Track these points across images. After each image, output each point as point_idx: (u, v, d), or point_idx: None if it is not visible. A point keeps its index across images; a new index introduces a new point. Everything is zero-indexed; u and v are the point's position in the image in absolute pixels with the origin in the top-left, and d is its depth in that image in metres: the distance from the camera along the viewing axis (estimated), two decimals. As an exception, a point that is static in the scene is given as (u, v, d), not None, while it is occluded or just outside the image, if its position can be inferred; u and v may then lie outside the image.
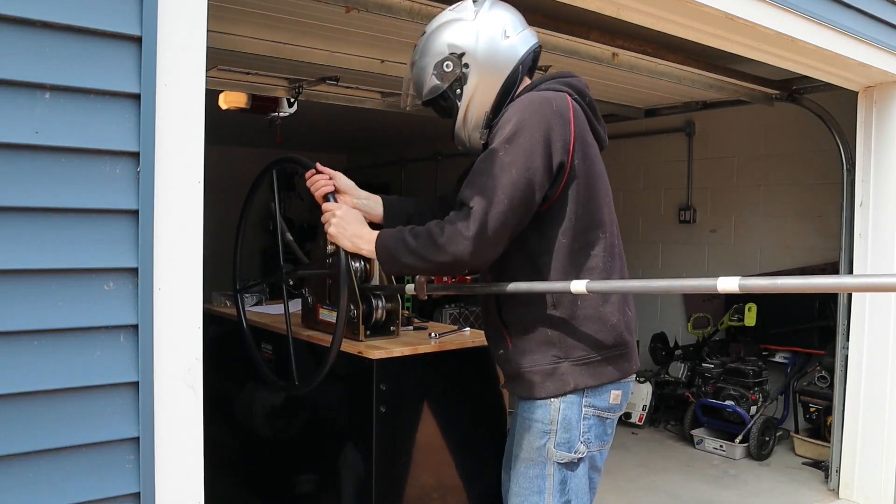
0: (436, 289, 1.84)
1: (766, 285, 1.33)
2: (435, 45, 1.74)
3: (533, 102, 1.64)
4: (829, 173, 4.41)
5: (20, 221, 1.28)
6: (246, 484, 2.60)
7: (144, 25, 1.36)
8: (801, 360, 4.64)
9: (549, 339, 1.68)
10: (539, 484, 1.71)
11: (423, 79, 1.75)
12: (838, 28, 2.91)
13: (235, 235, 2.19)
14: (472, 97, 1.73)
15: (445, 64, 1.72)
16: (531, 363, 1.69)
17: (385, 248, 1.66)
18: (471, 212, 1.56)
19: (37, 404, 1.30)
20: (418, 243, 1.60)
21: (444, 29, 1.75)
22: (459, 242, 1.55)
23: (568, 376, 1.67)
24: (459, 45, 1.71)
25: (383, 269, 1.77)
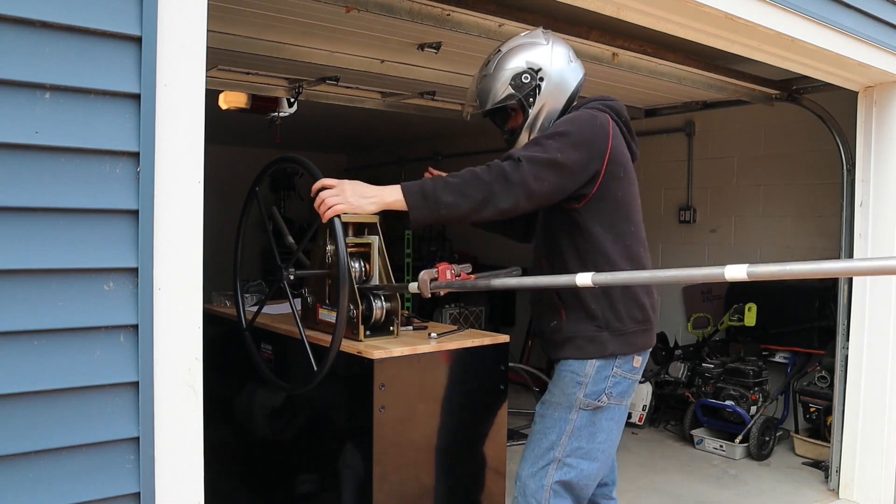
0: (439, 286, 1.84)
1: (775, 271, 1.32)
2: (513, 60, 2.02)
3: (582, 116, 1.98)
4: (829, 173, 4.41)
5: (20, 221, 1.28)
6: (246, 484, 2.60)
7: (144, 25, 1.36)
8: (801, 360, 4.64)
9: (594, 313, 2.00)
10: (561, 425, 2.01)
11: (497, 89, 2.01)
12: (838, 28, 2.91)
13: (236, 235, 2.19)
14: (542, 107, 2.03)
15: (524, 76, 2.01)
16: (580, 331, 2.01)
17: (421, 191, 1.79)
18: (519, 164, 1.81)
19: (37, 404, 1.31)
20: (460, 180, 1.80)
21: (523, 49, 2.04)
22: (500, 181, 1.79)
23: (606, 343, 2.00)
24: (537, 62, 2.02)
25: (414, 214, 1.79)
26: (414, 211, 1.79)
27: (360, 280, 2.11)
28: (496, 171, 1.81)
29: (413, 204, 1.79)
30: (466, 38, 2.97)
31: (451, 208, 1.79)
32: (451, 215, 1.82)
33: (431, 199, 1.78)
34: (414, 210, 1.79)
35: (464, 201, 1.79)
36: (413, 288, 1.88)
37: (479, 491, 2.17)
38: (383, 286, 2.07)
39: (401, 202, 1.80)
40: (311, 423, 2.23)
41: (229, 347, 2.43)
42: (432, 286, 1.83)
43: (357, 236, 2.13)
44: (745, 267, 1.30)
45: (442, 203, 1.78)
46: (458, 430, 2.10)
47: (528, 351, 6.24)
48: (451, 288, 1.86)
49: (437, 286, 1.84)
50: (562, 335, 2.03)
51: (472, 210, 1.82)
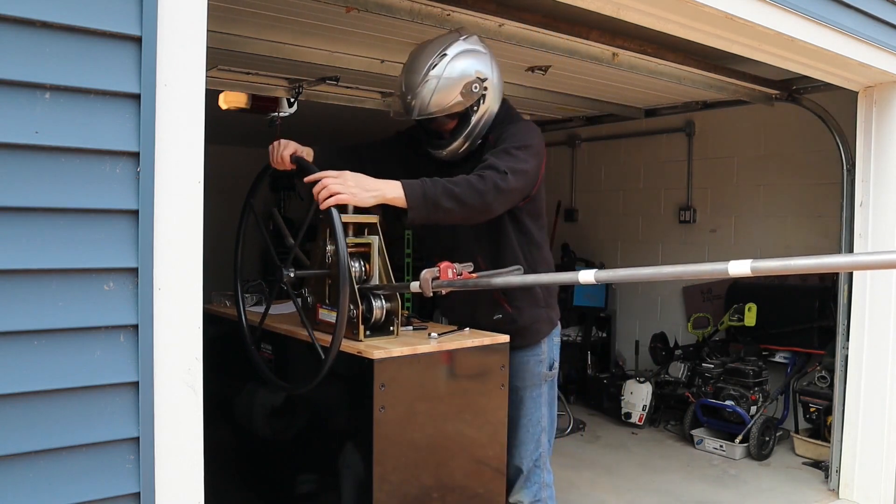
0: (441, 285, 1.83)
1: (779, 266, 1.29)
2: (460, 67, 2.07)
3: (530, 126, 2.21)
4: (829, 173, 4.40)
5: (20, 221, 1.28)
6: (246, 484, 2.60)
7: (144, 25, 1.36)
8: (801, 360, 4.64)
9: (537, 296, 2.29)
10: (538, 401, 2.30)
11: (447, 96, 2.06)
12: (838, 28, 2.91)
13: (236, 235, 2.19)
14: (484, 115, 2.14)
15: (474, 85, 2.08)
16: (533, 318, 2.28)
17: (423, 193, 1.89)
18: (506, 175, 1.98)
19: (37, 404, 1.31)
20: (459, 190, 1.92)
21: (468, 56, 2.10)
22: (493, 193, 1.96)
23: (551, 317, 2.35)
24: (483, 72, 2.11)
25: (412, 216, 1.89)
26: (413, 211, 1.88)
27: (360, 280, 2.11)
28: (490, 182, 1.96)
29: (413, 204, 1.87)
30: (466, 38, 2.96)
31: (447, 213, 1.92)
32: (445, 219, 1.95)
33: (431, 202, 1.88)
34: (413, 210, 1.88)
35: (460, 208, 1.93)
36: (415, 287, 1.88)
37: (480, 491, 2.17)
38: (384, 286, 2.07)
39: (401, 200, 1.87)
40: (312, 423, 2.23)
41: (229, 347, 2.43)
42: (434, 285, 1.83)
43: (357, 236, 2.13)
44: (748, 262, 1.29)
45: (441, 207, 1.90)
46: (458, 430, 2.10)
47: (528, 351, 6.23)
48: (452, 286, 1.86)
49: (439, 285, 1.84)
50: (516, 325, 2.24)
51: (465, 217, 1.99)
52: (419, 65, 2.07)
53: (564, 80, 4.07)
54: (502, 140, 2.11)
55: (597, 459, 4.35)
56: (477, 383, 2.16)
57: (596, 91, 4.51)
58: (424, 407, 2.01)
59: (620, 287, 5.91)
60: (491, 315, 2.25)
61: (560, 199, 6.30)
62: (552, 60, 3.56)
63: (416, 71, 2.07)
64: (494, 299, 2.25)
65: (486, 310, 2.25)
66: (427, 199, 1.88)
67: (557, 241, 6.19)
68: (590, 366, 5.61)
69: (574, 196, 6.28)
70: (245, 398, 2.53)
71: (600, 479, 4.02)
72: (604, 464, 4.27)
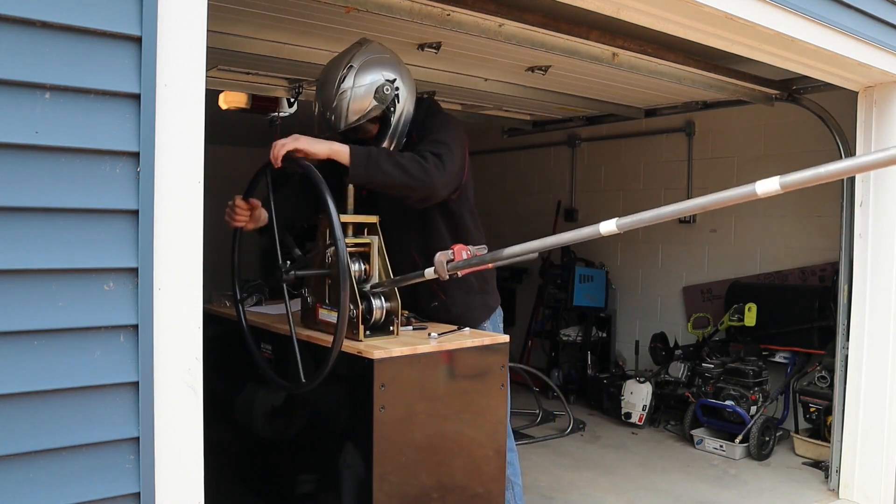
0: (457, 266, 1.81)
1: (808, 176, 1.23)
2: (369, 75, 2.19)
3: (450, 118, 2.39)
4: (829, 173, 4.40)
5: (20, 221, 1.28)
6: (246, 484, 2.60)
7: (144, 25, 1.36)
8: (801, 360, 4.63)
9: (471, 285, 2.40)
10: None
11: (361, 103, 2.17)
12: (838, 28, 2.91)
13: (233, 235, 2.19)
14: (402, 113, 2.27)
15: (385, 87, 2.20)
16: (467, 305, 2.41)
17: (367, 154, 2.02)
18: (441, 157, 2.12)
19: (37, 404, 1.31)
20: (403, 160, 2.05)
21: (373, 63, 2.21)
22: (435, 171, 2.09)
23: (488, 302, 2.49)
24: (391, 73, 2.23)
25: (353, 173, 2.01)
26: (354, 168, 2.01)
27: (360, 280, 2.11)
28: (431, 161, 2.10)
29: (355, 161, 2.00)
30: (466, 38, 2.97)
31: (387, 176, 2.03)
32: (385, 182, 2.05)
33: (373, 163, 2.02)
34: (354, 167, 2.00)
35: (401, 175, 2.04)
36: (430, 273, 1.87)
37: (479, 491, 2.17)
38: (398, 278, 2.06)
39: (345, 155, 2.01)
40: (311, 423, 2.23)
41: (229, 347, 2.43)
42: (450, 267, 1.82)
43: (357, 236, 2.13)
44: (776, 179, 1.25)
45: (381, 169, 2.02)
46: (458, 430, 2.10)
47: (528, 351, 6.24)
48: (468, 266, 1.84)
49: (455, 266, 1.82)
50: (450, 314, 2.35)
51: (405, 185, 2.07)
52: (329, 81, 2.20)
53: (564, 80, 4.07)
54: (426, 132, 2.25)
55: (597, 459, 4.35)
56: (477, 383, 2.16)
57: (596, 91, 4.51)
58: (424, 407, 2.01)
59: (620, 287, 5.91)
60: (429, 303, 2.40)
61: (560, 199, 6.30)
62: (552, 60, 3.56)
63: (326, 88, 2.21)
64: (430, 289, 2.36)
65: (425, 298, 2.39)
66: (370, 159, 2.02)
67: (557, 241, 6.18)
68: (590, 366, 5.61)
69: (574, 196, 6.28)
70: (245, 398, 2.53)
71: (600, 479, 4.02)
72: (604, 464, 4.27)
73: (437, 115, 2.37)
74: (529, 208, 6.63)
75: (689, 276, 5.48)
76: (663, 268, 5.66)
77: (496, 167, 6.74)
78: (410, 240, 2.35)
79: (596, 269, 5.88)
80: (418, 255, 2.31)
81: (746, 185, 1.28)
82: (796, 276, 4.84)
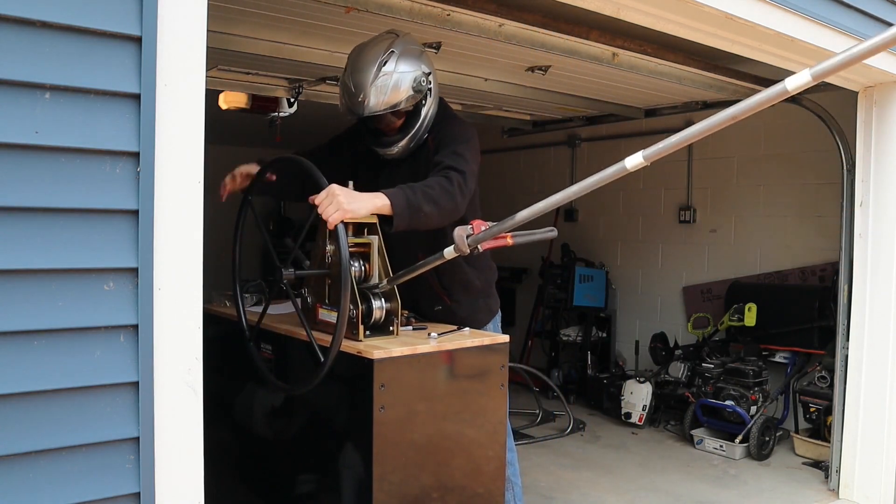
0: (477, 239, 1.77)
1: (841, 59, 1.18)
2: (409, 63, 2.14)
3: (468, 126, 2.33)
4: (829, 173, 4.40)
5: (20, 221, 1.28)
6: (246, 484, 2.60)
7: (144, 25, 1.36)
8: (801, 360, 4.63)
9: (475, 287, 2.42)
10: None
11: (399, 92, 2.13)
12: (838, 28, 2.91)
13: (234, 235, 2.19)
14: (429, 111, 2.24)
15: (423, 80, 2.16)
16: (473, 310, 2.43)
17: (406, 201, 1.97)
18: (465, 176, 2.10)
19: (37, 404, 1.31)
20: (435, 193, 2.03)
21: (414, 54, 2.18)
22: (460, 195, 2.08)
23: (490, 304, 2.51)
24: (427, 68, 2.20)
25: (397, 224, 1.97)
26: (398, 217, 1.96)
27: (360, 280, 2.11)
28: (456, 183, 2.07)
29: (398, 211, 1.96)
30: (466, 38, 2.97)
31: (427, 217, 2.01)
32: (424, 222, 2.03)
33: (414, 209, 1.98)
34: (398, 217, 1.96)
35: (438, 211, 2.03)
36: (450, 252, 1.85)
37: (479, 491, 2.17)
38: (415, 265, 2.02)
39: (387, 207, 1.95)
40: (311, 423, 2.23)
41: (229, 347, 2.43)
42: (470, 241, 1.78)
43: (357, 236, 2.13)
44: (807, 72, 1.20)
45: (422, 212, 1.99)
46: (458, 430, 2.10)
47: (528, 351, 6.24)
48: (487, 237, 1.79)
49: (476, 239, 1.79)
50: (456, 318, 2.34)
51: (441, 218, 2.06)
52: (366, 64, 2.13)
53: (564, 80, 4.07)
54: (445, 140, 2.21)
55: (597, 459, 4.35)
56: (477, 383, 2.16)
57: (596, 91, 4.51)
58: (424, 407, 2.01)
59: (620, 287, 5.91)
60: (432, 307, 2.40)
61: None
62: (552, 60, 3.55)
63: (364, 70, 2.12)
64: (435, 292, 2.38)
65: (428, 301, 2.39)
66: (410, 206, 1.98)
67: (557, 241, 6.19)
68: (590, 366, 5.61)
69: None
70: (245, 398, 2.54)
71: (600, 479, 4.02)
72: (604, 464, 4.27)
73: (454, 122, 2.32)
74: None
75: (689, 276, 5.48)
76: (663, 268, 5.66)
77: (496, 167, 6.74)
78: (415, 240, 2.30)
79: (596, 269, 5.88)
80: (424, 255, 2.28)
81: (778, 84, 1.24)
82: (796, 276, 4.84)
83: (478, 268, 2.46)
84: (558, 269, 5.94)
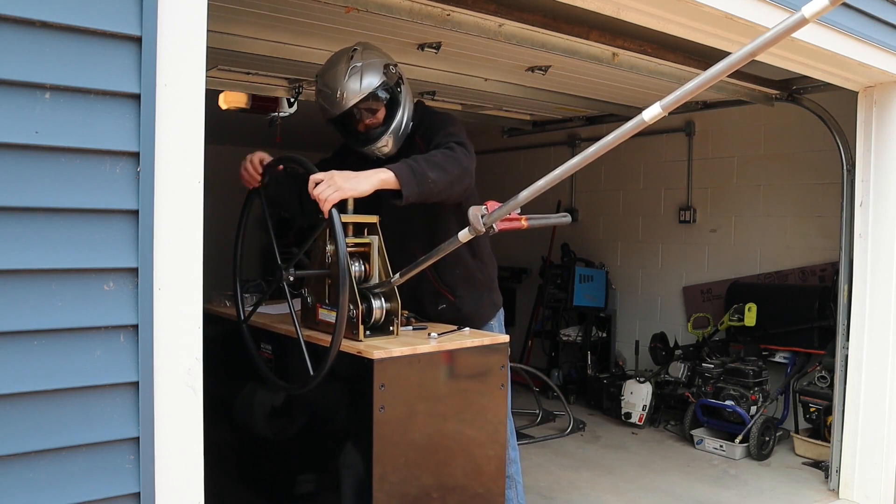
0: (492, 217, 1.74)
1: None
2: (374, 54, 2.22)
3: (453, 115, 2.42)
4: (829, 173, 4.40)
5: (20, 221, 1.28)
6: (246, 484, 2.60)
7: (144, 25, 1.36)
8: (801, 360, 4.63)
9: (477, 280, 2.41)
10: None
11: (373, 78, 2.16)
12: (838, 28, 2.91)
13: (235, 234, 2.19)
14: (406, 97, 2.27)
15: (391, 67, 2.21)
16: (478, 304, 2.41)
17: (409, 169, 1.97)
18: (464, 145, 2.13)
19: (37, 404, 1.31)
20: (438, 159, 2.03)
21: (377, 49, 2.26)
22: (467, 159, 2.10)
23: (493, 298, 2.49)
24: (391, 62, 2.25)
25: (407, 193, 1.95)
26: (406, 187, 1.94)
27: (360, 280, 2.11)
28: (458, 150, 2.09)
29: (404, 181, 1.94)
30: (466, 38, 2.97)
31: (435, 183, 1.99)
32: (434, 190, 2.00)
33: (419, 175, 1.96)
34: (406, 186, 1.94)
35: (446, 177, 2.01)
36: (464, 235, 1.81)
37: (480, 491, 2.17)
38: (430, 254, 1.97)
39: (392, 179, 1.94)
40: (311, 423, 2.23)
41: (229, 347, 2.43)
42: (485, 221, 1.75)
43: (357, 236, 2.13)
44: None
45: (428, 178, 1.97)
46: (458, 430, 2.10)
47: (528, 351, 6.24)
48: (502, 214, 1.76)
49: (491, 218, 1.76)
50: (461, 314, 2.34)
51: (449, 184, 2.04)
52: (335, 66, 2.20)
53: (564, 80, 4.07)
54: (433, 130, 2.25)
55: (597, 459, 4.35)
56: (477, 383, 2.16)
57: (596, 91, 4.51)
58: (424, 407, 2.01)
59: (620, 287, 5.91)
60: (435, 306, 2.38)
61: (560, 199, 6.30)
62: (552, 60, 3.55)
63: (334, 70, 2.19)
64: (437, 290, 2.37)
65: (431, 301, 2.38)
66: (415, 173, 1.96)
67: (557, 241, 6.20)
68: (590, 366, 5.61)
69: (574, 196, 6.28)
70: (245, 398, 2.54)
71: (600, 479, 4.02)
72: (604, 464, 4.27)
73: (436, 114, 2.37)
74: (529, 209, 6.62)
75: (689, 276, 5.48)
76: (663, 268, 5.66)
77: (496, 167, 6.73)
78: (413, 238, 2.33)
79: (596, 269, 5.88)
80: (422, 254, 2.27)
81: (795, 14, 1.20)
82: (796, 276, 4.84)
83: (480, 259, 2.45)
84: (558, 269, 5.94)
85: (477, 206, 1.77)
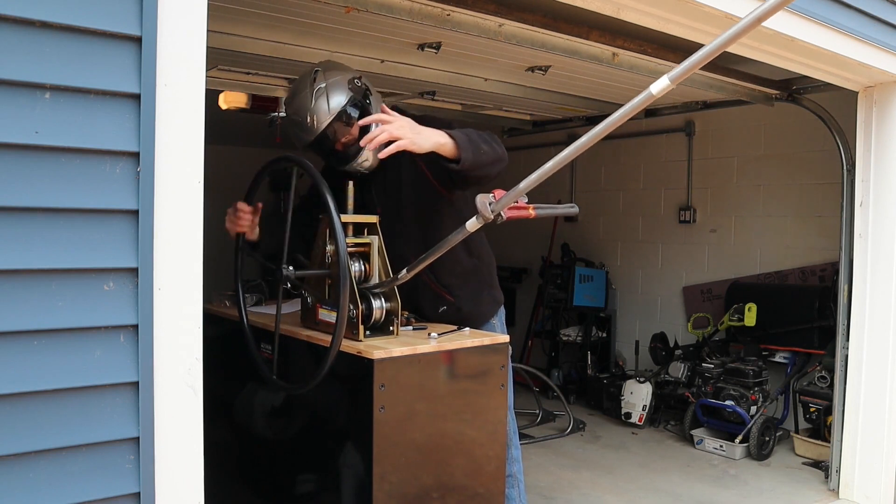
0: (501, 204, 1.72)
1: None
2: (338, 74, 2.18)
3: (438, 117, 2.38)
4: (829, 173, 4.40)
5: (20, 221, 1.28)
6: (246, 484, 2.60)
7: (144, 25, 1.36)
8: (801, 360, 4.63)
9: (478, 279, 2.39)
10: None
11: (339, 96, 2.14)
12: (838, 28, 2.91)
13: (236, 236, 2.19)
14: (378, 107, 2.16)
15: (355, 80, 2.19)
16: (477, 301, 2.38)
17: (466, 136, 1.99)
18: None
19: (37, 404, 1.31)
20: (488, 135, 2.06)
21: (338, 67, 2.23)
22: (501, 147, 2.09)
23: (494, 295, 2.46)
24: (356, 73, 2.22)
25: (464, 157, 1.96)
26: (464, 152, 1.95)
27: (360, 280, 2.11)
28: (496, 138, 2.09)
29: (462, 146, 1.95)
30: (466, 38, 2.97)
31: (485, 155, 2.00)
32: (483, 162, 2.00)
33: (474, 144, 1.97)
34: (464, 151, 1.95)
35: (492, 152, 2.02)
36: (472, 224, 1.78)
37: (480, 491, 2.17)
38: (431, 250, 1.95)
39: (451, 144, 1.95)
40: (311, 423, 2.23)
41: (229, 347, 2.43)
42: (493, 207, 1.73)
43: (357, 236, 2.13)
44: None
45: (481, 149, 1.98)
46: (458, 430, 2.10)
47: (528, 351, 6.24)
48: (509, 200, 1.73)
49: (499, 205, 1.73)
50: (461, 314, 2.32)
51: (494, 161, 2.04)
52: (301, 91, 2.18)
53: (564, 80, 4.07)
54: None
55: (597, 459, 4.35)
56: (477, 383, 2.16)
57: (596, 91, 4.51)
58: (424, 407, 2.01)
59: (620, 287, 5.91)
60: (435, 309, 2.35)
61: (560, 199, 6.30)
62: (552, 60, 3.56)
63: (301, 94, 2.18)
64: (436, 292, 2.33)
65: (430, 304, 2.35)
66: (472, 141, 1.97)
67: (557, 240, 6.20)
68: (590, 366, 5.61)
69: (574, 196, 6.28)
70: (245, 398, 2.54)
71: (600, 479, 4.02)
72: (604, 464, 4.27)
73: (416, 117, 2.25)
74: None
75: (689, 276, 5.48)
76: (663, 268, 5.66)
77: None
78: (407, 240, 2.29)
79: (596, 269, 5.88)
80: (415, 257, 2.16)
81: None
82: (796, 276, 4.84)
83: (477, 257, 2.41)
84: (558, 269, 5.94)
85: (484, 195, 1.75)
